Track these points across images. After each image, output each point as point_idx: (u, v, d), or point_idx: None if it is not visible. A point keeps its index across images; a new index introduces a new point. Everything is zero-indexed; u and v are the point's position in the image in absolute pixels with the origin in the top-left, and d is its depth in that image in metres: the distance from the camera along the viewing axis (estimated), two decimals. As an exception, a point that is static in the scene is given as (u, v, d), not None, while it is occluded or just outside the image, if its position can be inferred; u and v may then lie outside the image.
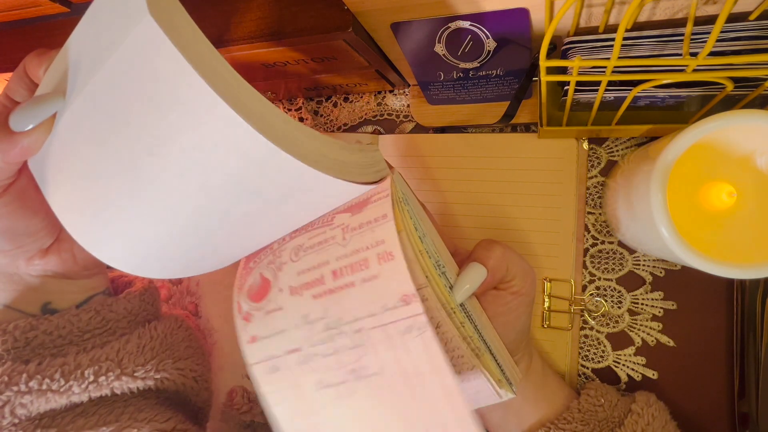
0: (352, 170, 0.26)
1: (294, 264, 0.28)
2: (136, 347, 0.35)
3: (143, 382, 0.34)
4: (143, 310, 0.38)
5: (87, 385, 0.32)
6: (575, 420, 0.34)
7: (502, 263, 0.31)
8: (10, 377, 0.30)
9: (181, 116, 0.21)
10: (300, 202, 0.26)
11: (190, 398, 0.39)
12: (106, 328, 0.35)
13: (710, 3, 0.27)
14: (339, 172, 0.25)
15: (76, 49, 0.25)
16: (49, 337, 0.33)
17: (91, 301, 0.36)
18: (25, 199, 0.30)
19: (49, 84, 0.26)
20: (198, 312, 0.50)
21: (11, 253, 0.32)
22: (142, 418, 0.33)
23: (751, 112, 0.27)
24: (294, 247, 0.28)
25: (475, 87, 0.40)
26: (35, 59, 0.27)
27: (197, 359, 0.39)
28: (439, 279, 0.28)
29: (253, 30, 0.34)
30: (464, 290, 0.29)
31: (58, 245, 0.33)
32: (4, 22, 0.40)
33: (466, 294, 0.29)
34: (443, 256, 0.31)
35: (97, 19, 0.23)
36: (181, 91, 0.21)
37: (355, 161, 0.27)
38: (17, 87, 0.29)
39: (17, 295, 0.33)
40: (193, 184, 0.24)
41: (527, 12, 0.29)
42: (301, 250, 0.28)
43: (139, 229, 0.27)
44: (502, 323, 0.32)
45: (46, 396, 0.31)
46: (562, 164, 0.41)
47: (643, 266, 0.41)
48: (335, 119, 0.49)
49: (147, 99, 0.22)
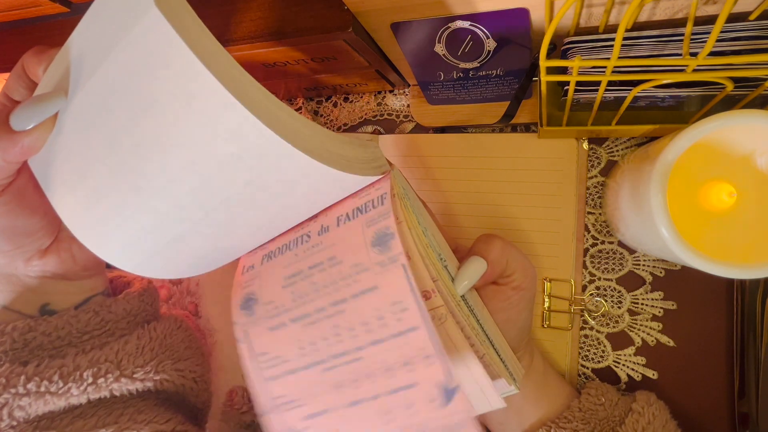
0: (354, 165, 0.26)
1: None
2: (135, 348, 0.34)
3: (142, 383, 0.34)
4: (142, 310, 0.38)
5: (86, 387, 0.31)
6: (576, 419, 0.34)
7: (501, 257, 0.31)
8: (8, 379, 0.30)
9: (187, 111, 0.21)
10: (303, 195, 0.26)
11: (190, 399, 0.39)
12: (105, 329, 0.35)
13: (710, 3, 0.27)
14: (343, 166, 0.25)
15: (78, 48, 0.24)
16: (47, 338, 0.32)
17: (89, 302, 0.36)
18: (24, 199, 0.30)
19: (49, 82, 0.26)
20: (198, 312, 0.50)
21: (10, 253, 0.32)
22: (142, 420, 0.33)
23: (751, 112, 0.27)
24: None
25: (475, 87, 0.40)
26: (33, 58, 0.27)
27: (197, 360, 0.39)
28: (443, 272, 0.29)
29: (253, 30, 0.34)
30: (465, 283, 0.29)
31: (57, 245, 0.33)
32: (4, 22, 0.40)
33: (466, 287, 0.29)
34: (444, 251, 0.31)
35: (100, 17, 0.23)
36: (188, 85, 0.20)
37: (357, 156, 0.27)
38: (16, 85, 0.29)
39: (15, 296, 0.33)
40: (198, 180, 0.24)
41: (527, 12, 0.29)
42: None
43: (142, 227, 0.27)
44: (503, 319, 0.32)
45: (44, 398, 0.30)
46: (562, 164, 0.41)
47: (643, 266, 0.41)
48: (335, 119, 0.49)
49: (152, 93, 0.22)
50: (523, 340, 0.34)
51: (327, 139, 0.25)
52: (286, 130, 0.22)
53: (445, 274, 0.29)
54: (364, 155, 0.27)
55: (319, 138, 0.24)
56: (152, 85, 0.21)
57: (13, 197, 0.29)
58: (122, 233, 0.27)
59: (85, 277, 0.35)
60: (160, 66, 0.21)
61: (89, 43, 0.24)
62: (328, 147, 0.25)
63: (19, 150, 0.26)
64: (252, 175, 0.23)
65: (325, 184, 0.26)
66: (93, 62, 0.23)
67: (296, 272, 0.28)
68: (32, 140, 0.26)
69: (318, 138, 0.24)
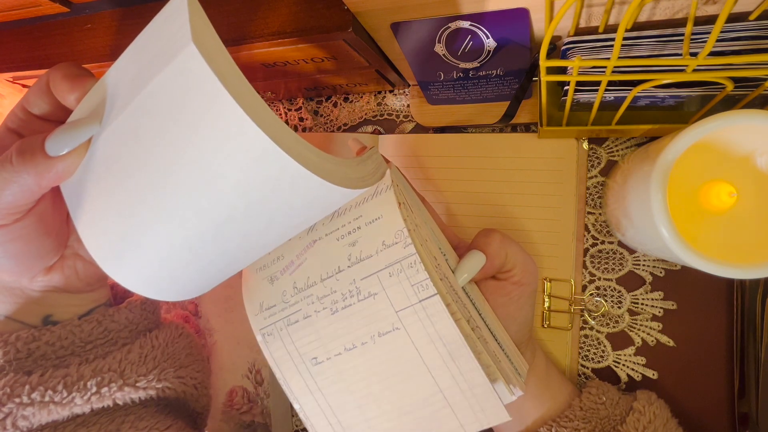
0: (360, 183, 0.27)
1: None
2: (138, 357, 0.34)
3: (145, 392, 0.34)
4: (144, 319, 0.38)
5: (89, 396, 0.31)
6: (577, 418, 0.34)
7: (500, 250, 0.31)
8: (12, 389, 0.30)
9: (216, 142, 0.22)
10: (311, 212, 0.28)
11: (190, 404, 0.39)
12: (108, 338, 0.35)
13: (710, 3, 0.27)
14: (350, 184, 0.26)
15: (115, 80, 0.26)
16: (51, 348, 0.32)
17: (92, 312, 0.36)
18: (43, 223, 0.30)
19: (84, 109, 0.27)
20: (198, 312, 0.50)
21: (17, 273, 0.31)
22: (143, 427, 0.33)
23: (751, 112, 0.27)
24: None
25: (475, 87, 0.40)
26: (65, 83, 0.27)
27: (197, 366, 0.39)
28: (445, 263, 0.30)
29: (253, 30, 0.34)
30: (464, 276, 0.30)
31: (62, 262, 0.33)
32: (4, 22, 0.40)
33: (466, 279, 0.30)
34: (444, 245, 0.32)
35: (139, 52, 0.25)
36: (218, 118, 0.22)
37: (361, 175, 0.28)
38: (38, 100, 0.29)
39: (18, 307, 0.33)
40: (225, 215, 0.25)
41: (527, 12, 0.29)
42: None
43: (164, 253, 0.27)
44: (504, 315, 0.32)
45: (48, 408, 0.30)
46: (562, 164, 0.41)
47: (643, 266, 0.41)
48: (335, 119, 0.49)
49: (183, 125, 0.23)
50: (524, 336, 0.34)
51: (332, 163, 0.27)
52: (302, 156, 0.23)
53: (445, 265, 0.30)
54: (365, 171, 0.29)
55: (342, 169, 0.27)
56: (183, 118, 0.22)
57: (33, 221, 0.29)
58: (143, 259, 0.28)
59: (88, 291, 0.35)
60: (192, 99, 0.22)
61: (126, 76, 0.25)
62: (348, 174, 0.27)
63: (54, 175, 0.26)
64: (275, 200, 0.25)
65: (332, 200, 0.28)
66: (128, 94, 0.24)
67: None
68: (66, 166, 0.26)
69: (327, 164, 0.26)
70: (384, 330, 0.27)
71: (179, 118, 0.22)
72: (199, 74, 0.21)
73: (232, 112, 0.21)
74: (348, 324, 0.28)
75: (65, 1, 0.37)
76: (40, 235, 0.30)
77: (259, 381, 0.46)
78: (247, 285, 0.32)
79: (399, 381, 0.27)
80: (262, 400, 0.45)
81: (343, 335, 0.28)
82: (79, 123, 0.25)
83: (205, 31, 0.22)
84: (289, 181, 0.24)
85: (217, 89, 0.21)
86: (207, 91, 0.21)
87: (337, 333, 0.28)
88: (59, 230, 0.31)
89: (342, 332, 0.28)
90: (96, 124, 0.25)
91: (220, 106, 0.21)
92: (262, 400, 0.45)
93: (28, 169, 0.26)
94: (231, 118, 0.21)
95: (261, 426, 0.46)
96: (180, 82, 0.22)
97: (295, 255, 0.30)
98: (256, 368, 0.46)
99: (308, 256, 0.29)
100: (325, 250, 0.29)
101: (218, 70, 0.21)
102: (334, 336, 0.28)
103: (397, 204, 0.27)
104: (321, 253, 0.29)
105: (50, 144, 0.26)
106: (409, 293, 0.26)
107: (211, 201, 0.24)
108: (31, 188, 0.26)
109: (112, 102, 0.25)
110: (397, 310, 0.27)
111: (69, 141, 0.25)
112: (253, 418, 0.46)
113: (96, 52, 0.37)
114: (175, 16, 0.22)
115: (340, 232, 0.28)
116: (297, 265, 0.29)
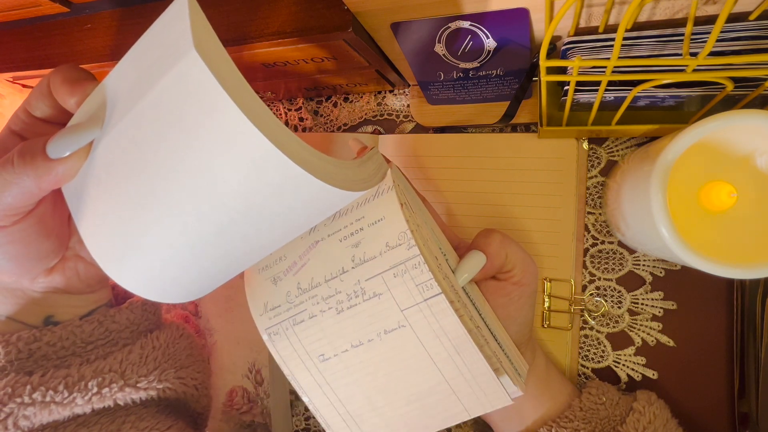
0: (361, 185, 0.28)
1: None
2: (138, 357, 0.35)
3: (146, 392, 0.34)
4: (145, 319, 0.38)
5: (90, 396, 0.31)
6: (577, 418, 0.34)
7: (501, 250, 0.32)
8: (14, 389, 0.30)
9: (219, 147, 0.22)
10: (313, 214, 0.28)
11: (190, 405, 0.39)
12: (108, 338, 0.35)
13: (710, 3, 0.27)
14: (350, 186, 0.27)
15: (115, 84, 0.26)
16: (52, 348, 0.32)
17: (94, 312, 0.36)
18: (42, 225, 0.30)
19: (84, 113, 0.27)
20: (198, 312, 0.50)
21: (17, 274, 0.32)
22: (144, 427, 0.34)
23: (751, 112, 0.27)
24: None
25: (475, 87, 0.40)
26: (65, 87, 0.27)
27: (198, 367, 0.39)
28: (445, 263, 0.30)
29: (253, 30, 0.34)
30: (465, 276, 0.30)
31: (63, 264, 0.33)
32: (4, 22, 0.40)
33: (466, 279, 0.30)
34: (444, 245, 0.32)
35: (139, 57, 0.25)
36: (220, 123, 0.22)
37: (362, 177, 0.28)
38: (39, 103, 0.29)
39: (19, 308, 0.33)
40: (227, 218, 0.25)
41: (527, 12, 0.29)
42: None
43: (165, 255, 0.27)
44: (504, 315, 0.32)
45: (49, 408, 0.30)
46: (562, 164, 0.41)
47: (643, 266, 0.41)
48: (335, 119, 0.49)
49: (185, 130, 0.23)
50: (524, 336, 0.34)
51: (349, 171, 0.27)
52: (307, 162, 0.23)
53: (446, 265, 0.30)
54: (366, 172, 0.29)
55: (330, 167, 0.26)
56: (185, 123, 0.23)
57: (33, 223, 0.29)
58: (146, 262, 0.28)
59: (90, 292, 0.35)
60: (194, 105, 0.22)
61: (127, 81, 0.25)
62: (349, 176, 0.27)
63: (54, 177, 0.26)
64: (278, 204, 0.25)
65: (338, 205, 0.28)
66: (130, 99, 0.24)
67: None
68: (66, 169, 0.26)
69: (329, 167, 0.26)
70: (390, 327, 0.27)
71: (181, 123, 0.23)
72: (201, 80, 0.21)
73: (235, 118, 0.21)
74: (354, 323, 0.28)
75: (65, 1, 0.37)
76: (39, 238, 0.30)
77: (259, 381, 0.46)
78: (250, 285, 0.32)
79: (405, 374, 0.28)
80: (262, 400, 0.45)
81: (349, 333, 0.28)
82: (80, 127, 0.26)
83: (206, 36, 0.22)
84: (292, 185, 0.24)
85: (219, 95, 0.21)
86: (209, 97, 0.21)
87: (343, 331, 0.28)
88: (59, 232, 0.31)
89: (348, 330, 0.28)
90: (97, 129, 0.26)
91: (222, 112, 0.21)
92: (262, 400, 0.45)
93: (28, 172, 0.26)
94: (233, 123, 0.21)
95: (261, 426, 0.46)
96: (182, 89, 0.22)
97: (297, 256, 0.30)
98: (256, 368, 0.46)
99: (311, 257, 0.29)
100: (329, 251, 0.29)
101: (220, 75, 0.21)
102: (341, 334, 0.28)
103: (399, 205, 0.27)
104: (324, 255, 0.29)
105: (51, 147, 0.26)
106: (414, 293, 0.26)
107: (212, 205, 0.24)
108: (31, 190, 0.26)
109: (113, 106, 0.25)
110: (403, 309, 0.27)
111: (70, 144, 0.26)
112: (253, 418, 0.46)
113: (96, 53, 0.37)
114: (176, 20, 0.22)
115: (342, 233, 0.28)
116: (300, 265, 0.30)
